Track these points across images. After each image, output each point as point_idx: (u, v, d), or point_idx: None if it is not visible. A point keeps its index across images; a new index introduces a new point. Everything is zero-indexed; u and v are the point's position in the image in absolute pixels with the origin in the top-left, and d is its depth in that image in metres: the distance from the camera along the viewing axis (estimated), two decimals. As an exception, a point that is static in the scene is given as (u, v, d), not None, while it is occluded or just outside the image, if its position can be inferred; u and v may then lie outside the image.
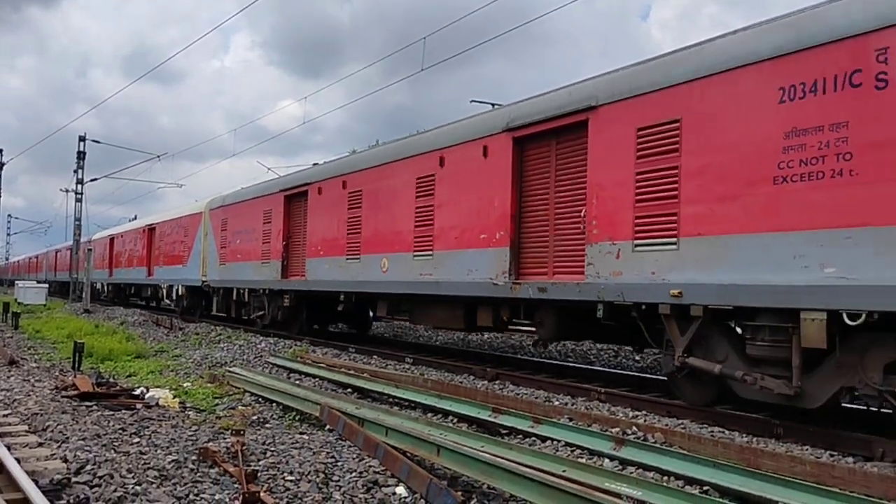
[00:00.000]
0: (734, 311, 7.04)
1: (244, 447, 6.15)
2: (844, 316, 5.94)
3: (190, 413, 8.14)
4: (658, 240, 7.57)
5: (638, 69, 8.19)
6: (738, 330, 7.29)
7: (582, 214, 8.71)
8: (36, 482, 4.83)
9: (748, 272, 6.64)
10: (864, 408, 7.06)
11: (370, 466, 5.76)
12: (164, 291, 25.19)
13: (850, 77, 6.05)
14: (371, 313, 17.58)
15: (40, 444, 6.28)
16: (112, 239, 33.76)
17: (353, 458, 6.04)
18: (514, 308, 10.26)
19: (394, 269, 12.17)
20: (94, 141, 35.86)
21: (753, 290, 6.59)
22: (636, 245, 7.82)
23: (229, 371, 11.01)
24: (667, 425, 6.84)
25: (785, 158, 6.42)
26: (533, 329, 10.59)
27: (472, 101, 12.67)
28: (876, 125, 5.85)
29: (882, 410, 6.51)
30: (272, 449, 6.38)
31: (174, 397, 8.81)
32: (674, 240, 7.39)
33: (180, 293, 23.66)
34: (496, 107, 11.26)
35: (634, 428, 6.65)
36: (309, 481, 5.39)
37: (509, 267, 9.63)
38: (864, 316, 5.83)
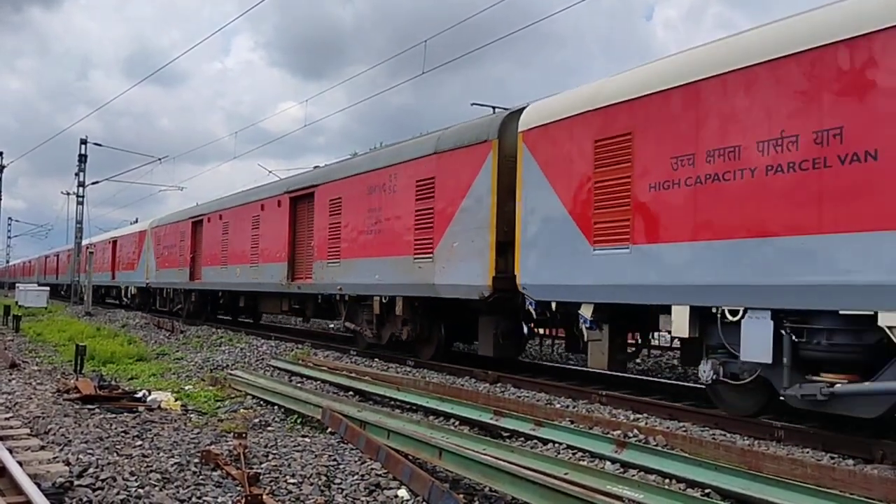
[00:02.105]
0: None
1: (246, 450, 6.16)
2: None
3: (192, 416, 8.15)
4: (332, 261, 14.37)
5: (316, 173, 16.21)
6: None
7: (312, 244, 15.41)
8: (38, 485, 4.84)
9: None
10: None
11: (372, 469, 5.77)
12: (123, 291, 32.33)
13: None
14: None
15: (42, 448, 6.29)
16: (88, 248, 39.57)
17: (355, 461, 6.05)
18: (292, 298, 16.94)
19: (242, 275, 19.00)
20: (95, 144, 35.88)
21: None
22: (328, 263, 14.55)
23: (231, 374, 11.02)
24: (668, 428, 6.85)
25: None
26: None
27: (473, 104, 12.71)
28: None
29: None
30: (274, 452, 6.39)
31: (176, 400, 8.82)
32: (338, 261, 14.14)
33: (133, 292, 30.58)
34: (496, 111, 11.48)
35: (636, 431, 6.66)
36: (311, 484, 5.40)
37: (287, 274, 16.34)
38: None
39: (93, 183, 36.66)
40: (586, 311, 8.56)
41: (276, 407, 8.66)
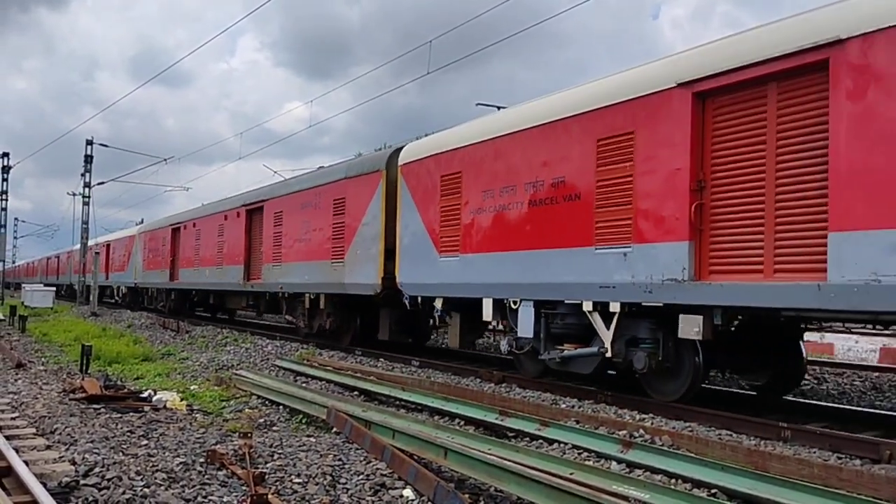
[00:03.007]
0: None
1: (252, 449, 6.17)
2: None
3: (197, 416, 8.16)
4: (276, 264, 17.06)
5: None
6: None
7: (261, 249, 18.17)
8: (44, 484, 4.86)
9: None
10: (872, 410, 7.05)
11: (377, 469, 5.77)
12: (116, 290, 35.73)
13: None
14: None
15: (48, 447, 6.31)
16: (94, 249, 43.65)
17: (361, 461, 6.05)
18: (248, 295, 19.86)
19: (210, 275, 21.79)
20: (101, 144, 35.93)
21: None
22: (273, 266, 17.25)
23: (236, 374, 11.04)
24: (674, 428, 6.83)
25: None
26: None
27: (478, 104, 12.81)
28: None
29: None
30: (280, 451, 6.39)
31: (181, 400, 8.83)
32: (280, 264, 16.90)
33: (124, 291, 33.83)
34: (500, 109, 11.68)
35: (642, 431, 6.63)
36: (316, 484, 5.40)
37: (243, 275, 19.13)
38: None
39: (99, 183, 36.74)
40: (438, 304, 11.43)
41: (281, 407, 8.67)
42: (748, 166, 7.02)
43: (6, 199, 38.40)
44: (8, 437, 6.31)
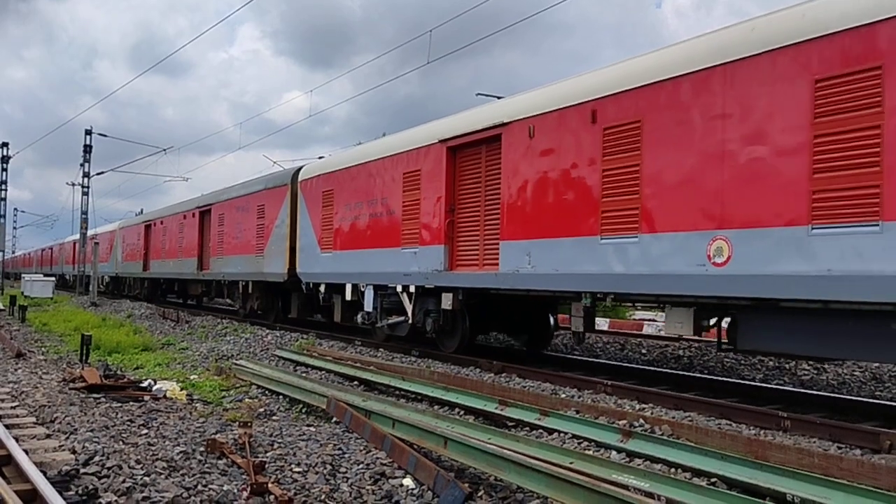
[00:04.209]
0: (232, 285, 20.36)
1: (251, 439, 6.17)
2: None
3: (197, 405, 8.17)
4: (218, 256, 20.80)
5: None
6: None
7: (209, 245, 21.63)
8: (44, 473, 4.86)
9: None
10: (872, 400, 7.05)
11: (377, 458, 5.78)
12: (100, 279, 37.03)
13: None
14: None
15: (48, 436, 6.31)
16: (74, 244, 46.69)
17: (360, 450, 6.05)
18: (201, 283, 23.65)
19: (173, 266, 25.55)
20: (100, 134, 35.93)
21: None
22: (217, 258, 20.74)
23: (236, 364, 11.04)
24: (674, 418, 6.83)
25: None
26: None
27: (478, 94, 12.90)
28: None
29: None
30: (279, 441, 6.40)
31: (181, 389, 8.84)
32: (222, 257, 20.61)
33: (107, 280, 37.38)
34: (501, 98, 11.76)
35: (641, 420, 6.63)
36: (316, 473, 5.41)
37: (197, 266, 22.74)
38: None
39: (98, 173, 36.75)
40: (323, 288, 15.03)
41: (281, 396, 8.67)
42: (474, 196, 10.90)
43: (6, 189, 38.46)
44: (8, 426, 6.31)
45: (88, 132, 34.74)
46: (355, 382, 9.60)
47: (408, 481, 5.21)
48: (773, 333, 7.09)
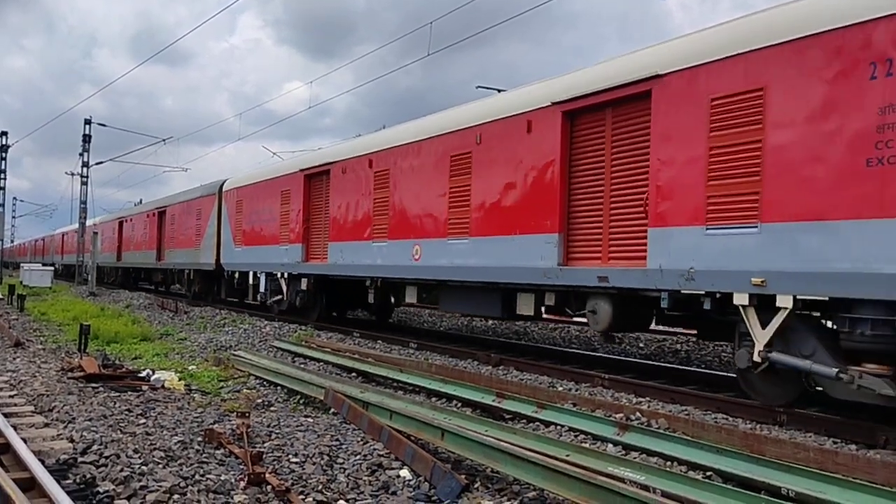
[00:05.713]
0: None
1: (249, 429, 6.18)
2: None
3: (195, 395, 8.18)
4: (170, 249, 26.19)
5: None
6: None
7: (164, 239, 27.47)
8: (42, 462, 4.87)
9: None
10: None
11: (374, 449, 5.79)
12: (85, 267, 40.87)
13: None
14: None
15: (46, 425, 6.32)
16: (63, 235, 52.40)
17: (358, 441, 6.07)
18: (160, 271, 28.42)
19: (140, 257, 30.20)
20: (99, 124, 35.73)
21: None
22: (170, 251, 26.36)
23: (234, 354, 11.05)
24: (670, 411, 6.86)
25: None
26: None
27: (479, 87, 12.89)
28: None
29: None
30: (277, 431, 6.41)
31: (180, 380, 8.85)
32: (173, 249, 26.11)
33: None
34: (500, 91, 11.68)
35: (638, 414, 6.66)
36: (314, 463, 5.42)
37: (156, 257, 27.54)
38: None
39: (97, 163, 36.71)
40: (237, 275, 19.47)
41: (279, 387, 8.69)
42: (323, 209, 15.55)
43: (4, 179, 38.33)
44: (6, 415, 6.33)
45: (88, 122, 34.66)
46: (353, 374, 9.62)
47: (405, 472, 5.22)
48: None
